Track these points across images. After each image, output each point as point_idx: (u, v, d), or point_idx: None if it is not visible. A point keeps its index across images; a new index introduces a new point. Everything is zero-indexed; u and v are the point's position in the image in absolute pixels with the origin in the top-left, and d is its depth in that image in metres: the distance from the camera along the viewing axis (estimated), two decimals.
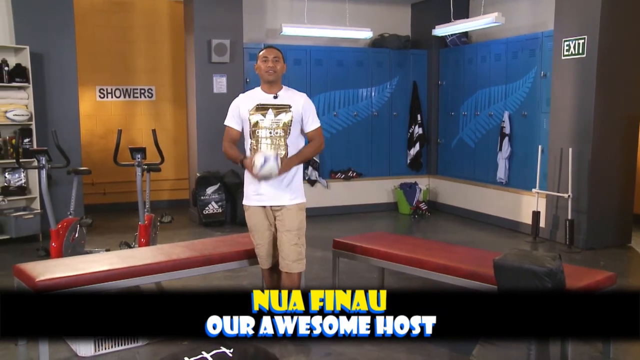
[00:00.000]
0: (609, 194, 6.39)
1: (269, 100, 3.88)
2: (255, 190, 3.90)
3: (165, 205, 8.70)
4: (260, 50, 4.04)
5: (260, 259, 4.07)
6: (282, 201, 3.92)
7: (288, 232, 3.93)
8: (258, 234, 3.98)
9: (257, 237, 3.99)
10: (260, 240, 4.00)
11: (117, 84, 8.71)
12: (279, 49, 4.06)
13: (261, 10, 8.40)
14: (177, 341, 3.87)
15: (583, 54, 6.23)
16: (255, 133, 3.84)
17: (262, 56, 3.97)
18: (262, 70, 3.92)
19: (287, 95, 3.94)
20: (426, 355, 3.66)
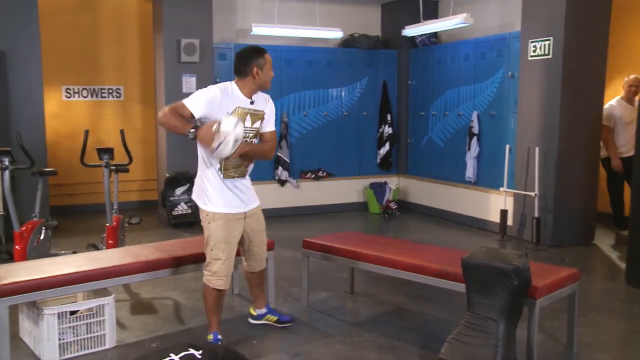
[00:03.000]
0: (574, 192, 6.51)
1: (247, 105, 3.65)
2: (235, 194, 3.67)
3: (134, 206, 8.59)
4: (263, 52, 3.70)
5: (223, 279, 3.65)
6: (255, 203, 3.90)
7: (262, 232, 3.97)
8: (230, 246, 3.66)
9: (229, 249, 3.65)
10: (230, 253, 3.67)
11: (84, 83, 8.57)
12: None
13: (231, 10, 8.36)
14: (146, 343, 3.84)
15: (549, 55, 6.34)
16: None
17: (271, 63, 3.69)
18: (268, 78, 3.68)
19: (258, 99, 3.75)
20: (396, 354, 3.68)
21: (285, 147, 8.21)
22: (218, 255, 3.64)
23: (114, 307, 3.81)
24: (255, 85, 3.68)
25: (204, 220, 3.67)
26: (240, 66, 3.67)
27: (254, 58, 3.64)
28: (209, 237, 3.64)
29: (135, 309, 4.54)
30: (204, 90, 3.59)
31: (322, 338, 3.95)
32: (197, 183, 3.73)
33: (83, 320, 3.67)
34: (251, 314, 4.18)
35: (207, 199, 3.65)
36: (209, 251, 3.66)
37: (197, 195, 3.73)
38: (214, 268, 3.65)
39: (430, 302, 4.64)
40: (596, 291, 5.08)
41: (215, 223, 3.62)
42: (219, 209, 3.63)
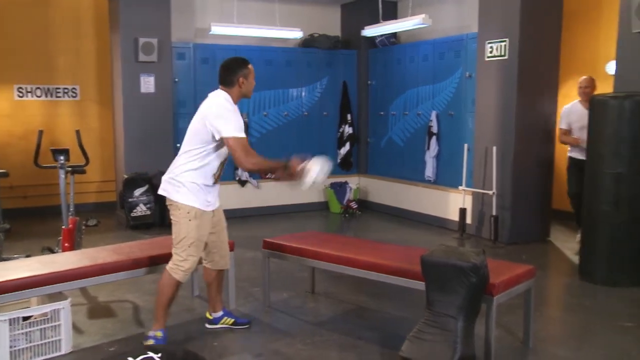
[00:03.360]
0: (530, 191, 6.65)
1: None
2: (206, 196, 3.74)
3: (91, 208, 8.43)
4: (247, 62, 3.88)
5: (189, 274, 3.78)
6: (218, 202, 3.95)
7: (225, 229, 4.03)
8: (200, 243, 3.76)
9: (200, 248, 3.78)
10: (201, 251, 3.81)
11: (38, 82, 8.35)
12: None
13: (190, 9, 8.27)
14: (104, 348, 3.77)
15: (505, 55, 6.46)
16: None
17: (254, 73, 3.89)
18: (251, 87, 3.86)
19: None
20: (357, 353, 3.69)
21: None
22: (194, 253, 3.72)
23: (70, 311, 3.72)
24: (240, 95, 3.83)
25: (184, 217, 3.68)
26: (226, 77, 3.80)
27: (239, 68, 3.79)
28: (188, 235, 3.68)
29: (93, 313, 4.45)
30: (230, 109, 3.68)
31: (283, 338, 3.94)
32: (176, 179, 3.71)
33: (37, 326, 3.57)
34: (207, 319, 4.14)
35: (191, 196, 3.68)
36: (185, 248, 3.69)
37: (172, 190, 3.72)
38: (188, 265, 3.71)
39: (390, 301, 4.68)
40: (551, 287, 5.21)
41: (196, 221, 3.69)
42: (204, 207, 3.72)
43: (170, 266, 3.74)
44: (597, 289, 4.97)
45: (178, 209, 3.70)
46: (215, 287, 4.08)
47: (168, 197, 3.74)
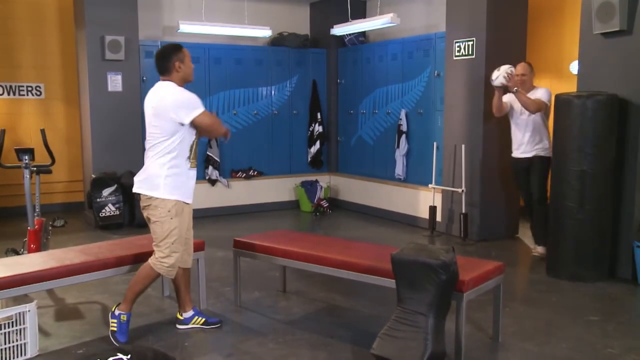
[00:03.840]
0: (499, 188, 6.74)
1: None
2: (188, 183, 3.81)
3: (58, 208, 8.28)
4: (181, 47, 3.88)
5: (175, 269, 3.81)
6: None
7: (192, 226, 4.03)
8: (182, 239, 3.80)
9: (183, 242, 3.82)
10: (183, 245, 3.84)
11: (0, 80, 8.17)
12: None
13: (157, 6, 8.18)
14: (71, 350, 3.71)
15: (472, 54, 6.54)
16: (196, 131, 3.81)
17: (190, 56, 3.87)
18: (190, 70, 3.85)
19: None
20: (329, 351, 3.70)
21: (215, 146, 8.12)
22: (178, 249, 3.77)
23: (37, 314, 3.64)
24: (181, 79, 3.80)
25: (166, 215, 3.68)
26: (162, 64, 3.81)
27: (173, 54, 3.80)
28: (172, 231, 3.70)
29: (60, 315, 4.37)
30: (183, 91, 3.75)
31: (255, 337, 3.93)
32: (153, 174, 3.70)
33: (1, 330, 3.49)
34: (178, 319, 4.10)
35: (172, 190, 3.69)
36: (169, 244, 3.70)
37: (150, 187, 3.70)
38: (172, 261, 3.75)
39: (362, 299, 4.70)
40: (519, 283, 5.29)
41: (178, 218, 3.71)
42: (183, 198, 3.76)
43: (153, 262, 3.76)
44: (563, 284, 5.07)
45: (157, 208, 3.68)
46: (184, 286, 4.06)
47: (146, 195, 3.72)
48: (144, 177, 3.75)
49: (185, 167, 3.76)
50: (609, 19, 5.07)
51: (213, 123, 3.83)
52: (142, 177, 3.76)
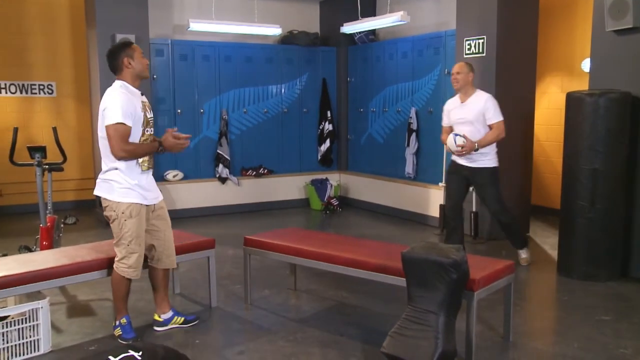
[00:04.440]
0: (509, 186, 6.69)
1: (143, 98, 3.83)
2: (141, 185, 3.74)
3: (70, 206, 8.33)
4: (130, 43, 3.80)
5: (138, 270, 3.79)
6: (161, 196, 3.99)
7: (170, 227, 4.03)
8: (142, 239, 3.78)
9: (142, 242, 3.79)
10: (142, 246, 3.81)
11: (12, 78, 8.23)
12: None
13: (167, 5, 8.21)
14: (84, 347, 3.74)
15: (483, 53, 6.51)
16: (145, 132, 3.77)
17: (140, 51, 3.81)
18: (143, 66, 3.77)
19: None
20: (339, 349, 3.70)
21: (226, 144, 8.14)
22: (135, 249, 3.75)
23: (49, 310, 3.68)
24: (134, 76, 3.76)
25: (119, 217, 3.70)
26: (111, 63, 3.77)
27: (121, 51, 3.74)
28: (126, 233, 3.71)
29: (72, 311, 4.41)
30: (115, 97, 3.63)
31: (266, 335, 3.94)
32: (108, 178, 3.72)
33: (14, 326, 3.52)
34: (157, 321, 4.05)
35: (126, 192, 3.69)
36: (125, 245, 3.73)
37: (106, 190, 3.73)
38: (131, 261, 3.76)
39: (372, 297, 4.70)
40: (530, 282, 5.27)
41: (132, 220, 3.71)
42: (138, 200, 3.73)
43: (116, 265, 3.79)
44: (574, 283, 5.04)
45: (113, 210, 3.71)
46: (162, 287, 4.05)
47: (103, 198, 3.75)
48: (101, 180, 3.77)
49: (135, 171, 3.72)
50: (622, 16, 5.03)
51: (115, 142, 3.57)
52: (100, 180, 3.78)
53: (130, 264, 3.75)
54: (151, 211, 3.86)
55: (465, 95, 5.35)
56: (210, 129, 8.14)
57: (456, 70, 5.32)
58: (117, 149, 3.58)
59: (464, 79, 5.27)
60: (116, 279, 3.79)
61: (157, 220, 3.90)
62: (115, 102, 3.59)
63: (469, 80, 5.29)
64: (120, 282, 3.79)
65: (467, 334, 3.46)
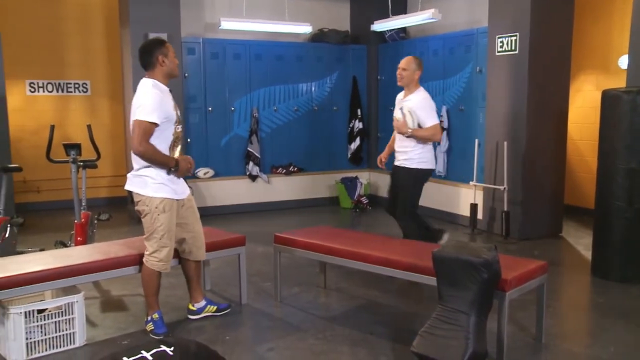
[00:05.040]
0: (542, 186, 6.62)
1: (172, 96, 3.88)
2: (172, 180, 3.81)
3: (103, 202, 8.47)
4: (165, 41, 3.86)
5: (168, 264, 3.86)
6: (188, 190, 4.05)
7: (199, 220, 4.08)
8: (171, 233, 3.83)
9: (171, 236, 3.83)
10: (173, 240, 3.87)
11: (49, 78, 8.41)
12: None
13: (199, 4, 8.27)
14: (117, 341, 3.80)
15: (515, 50, 6.42)
16: (176, 129, 3.83)
17: (173, 50, 3.88)
18: (174, 65, 3.84)
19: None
20: (369, 347, 3.70)
21: (256, 142, 8.18)
22: (166, 244, 3.81)
23: (84, 304, 3.75)
24: (166, 74, 3.81)
25: (152, 212, 3.75)
26: (145, 59, 3.81)
27: (156, 48, 3.78)
28: (159, 227, 3.76)
29: (106, 306, 4.48)
30: (149, 94, 3.68)
31: (295, 333, 3.95)
32: (141, 174, 3.77)
33: (51, 319, 3.61)
34: (190, 310, 4.17)
35: (159, 187, 3.74)
36: (157, 239, 3.78)
37: (139, 185, 3.78)
38: (162, 255, 3.81)
39: (402, 296, 4.68)
40: (564, 283, 5.18)
41: (165, 214, 3.76)
42: (170, 195, 3.78)
43: (146, 258, 3.84)
44: (609, 285, 4.94)
45: (146, 204, 3.76)
46: (195, 278, 4.14)
47: (136, 193, 3.79)
48: (133, 175, 3.82)
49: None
50: None
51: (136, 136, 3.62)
52: (132, 175, 3.84)
53: (161, 258, 3.80)
54: (181, 206, 3.91)
55: (408, 92, 5.11)
56: (240, 127, 8.19)
57: (402, 66, 5.03)
58: (137, 144, 3.63)
59: (409, 76, 5.01)
60: (147, 273, 3.85)
61: (186, 214, 3.96)
62: (149, 101, 3.64)
63: (414, 78, 5.03)
64: (150, 276, 3.85)
65: (498, 335, 3.42)
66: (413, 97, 5.05)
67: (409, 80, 5.03)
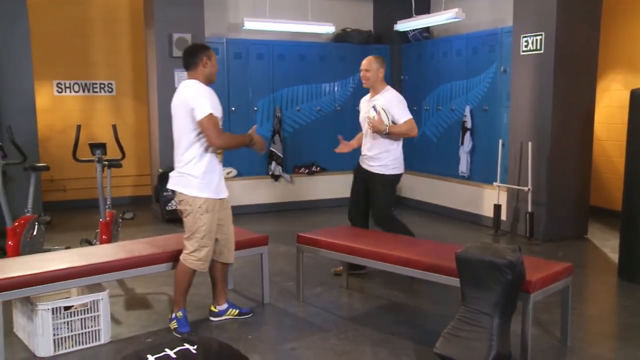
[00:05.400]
0: (567, 186, 6.54)
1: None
2: (217, 180, 3.86)
3: (128, 201, 8.57)
4: (209, 48, 3.97)
5: (207, 263, 3.90)
6: (227, 191, 4.05)
7: (232, 222, 4.11)
8: (212, 233, 3.86)
9: (212, 236, 3.86)
10: (212, 240, 3.89)
11: (76, 78, 8.52)
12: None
13: (223, 4, 8.32)
14: (141, 339, 3.84)
15: (541, 50, 6.35)
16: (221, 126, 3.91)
17: (215, 57, 3.97)
18: (215, 70, 3.94)
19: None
20: (390, 348, 3.69)
21: (279, 142, 8.20)
22: (207, 244, 3.84)
23: (109, 302, 3.80)
24: (205, 77, 3.89)
25: (195, 212, 3.77)
26: (189, 59, 3.88)
27: (201, 50, 3.89)
28: (201, 227, 3.79)
29: (130, 304, 4.53)
30: (201, 91, 3.80)
31: (318, 333, 3.95)
32: (185, 172, 3.82)
33: (77, 316, 3.66)
34: (212, 311, 4.19)
35: (203, 187, 3.77)
36: (198, 239, 3.80)
37: (183, 184, 3.82)
38: (201, 255, 3.84)
39: (424, 297, 4.66)
40: (589, 285, 5.11)
41: (208, 214, 3.78)
42: (213, 195, 3.81)
43: (184, 257, 3.86)
44: (637, 288, 4.86)
45: (189, 204, 3.79)
46: (221, 280, 4.16)
47: (179, 192, 3.83)
48: (177, 174, 3.88)
49: (214, 163, 3.84)
50: None
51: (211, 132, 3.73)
52: (175, 173, 3.89)
53: (201, 257, 3.83)
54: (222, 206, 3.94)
55: (375, 93, 4.97)
56: (263, 127, 8.22)
57: (364, 67, 4.90)
58: (214, 138, 3.72)
59: (373, 76, 4.88)
60: (182, 271, 3.88)
61: (223, 215, 3.97)
62: (202, 96, 3.74)
63: (379, 77, 4.90)
64: (185, 274, 3.87)
65: (522, 337, 3.38)
66: (383, 95, 4.92)
67: (374, 80, 4.91)
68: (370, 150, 4.98)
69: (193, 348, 2.68)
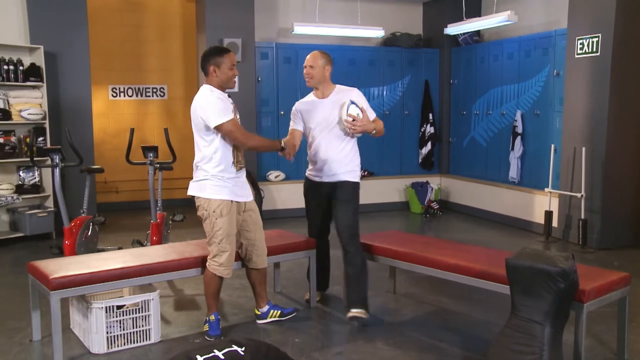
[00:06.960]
0: (623, 193, 6.34)
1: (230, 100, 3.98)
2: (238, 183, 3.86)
3: (178, 203, 8.69)
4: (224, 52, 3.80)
5: (229, 268, 3.85)
6: (251, 196, 4.06)
7: (261, 228, 4.09)
8: (232, 238, 3.85)
9: (233, 241, 3.85)
10: (233, 244, 3.88)
11: (130, 82, 8.76)
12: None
13: (273, 9, 8.41)
14: (190, 339, 3.90)
15: (597, 52, 6.18)
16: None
17: (231, 62, 3.80)
18: (228, 77, 3.80)
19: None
20: (438, 355, 3.64)
21: None
22: (226, 248, 3.82)
23: (159, 302, 3.87)
24: (219, 84, 3.81)
25: (210, 216, 3.79)
26: (202, 65, 3.85)
27: (212, 57, 3.79)
28: (218, 232, 3.79)
29: (179, 305, 4.61)
30: (210, 97, 3.74)
31: (364, 337, 3.94)
32: (200, 177, 3.86)
33: (129, 315, 3.74)
34: (256, 314, 4.20)
35: (217, 189, 3.78)
36: (216, 244, 3.81)
37: (198, 189, 3.87)
38: (222, 260, 3.83)
39: (473, 303, 4.59)
40: None
41: (223, 218, 3.77)
42: (229, 197, 3.79)
43: (208, 262, 3.88)
44: None
45: (205, 208, 3.81)
46: (257, 284, 4.14)
47: (196, 197, 3.87)
48: (194, 180, 3.91)
49: (229, 170, 3.80)
50: None
51: (238, 136, 3.72)
52: (193, 180, 3.93)
53: (222, 262, 3.82)
54: (242, 210, 3.93)
55: (323, 93, 4.39)
56: None
57: (309, 64, 4.30)
58: (243, 139, 3.77)
59: (319, 73, 4.29)
60: (208, 276, 3.89)
61: (247, 220, 3.97)
62: (211, 105, 3.69)
63: (325, 75, 4.33)
64: (212, 279, 3.88)
65: (575, 348, 3.29)
66: (346, 94, 4.39)
67: (320, 78, 4.32)
68: (337, 154, 4.37)
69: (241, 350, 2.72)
